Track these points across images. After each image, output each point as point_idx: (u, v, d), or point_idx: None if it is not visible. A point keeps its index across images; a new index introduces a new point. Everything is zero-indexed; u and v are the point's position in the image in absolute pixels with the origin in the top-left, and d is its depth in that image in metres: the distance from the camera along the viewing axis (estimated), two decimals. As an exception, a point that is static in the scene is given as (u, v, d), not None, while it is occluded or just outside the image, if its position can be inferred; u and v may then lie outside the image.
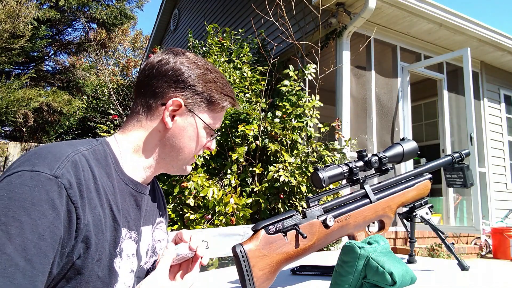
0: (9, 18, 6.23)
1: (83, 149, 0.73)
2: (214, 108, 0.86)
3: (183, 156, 0.86)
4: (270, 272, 0.82)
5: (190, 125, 0.85)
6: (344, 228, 0.97)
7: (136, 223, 0.81)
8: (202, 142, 0.87)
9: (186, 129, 0.85)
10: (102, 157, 0.77)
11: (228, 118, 3.35)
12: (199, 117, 0.85)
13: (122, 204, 0.77)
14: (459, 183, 1.34)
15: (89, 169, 0.71)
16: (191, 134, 0.85)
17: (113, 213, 0.74)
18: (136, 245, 0.80)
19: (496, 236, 5.30)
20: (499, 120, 6.51)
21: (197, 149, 0.88)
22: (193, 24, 8.90)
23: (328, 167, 1.00)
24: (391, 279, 0.76)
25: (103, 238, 0.70)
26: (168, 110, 0.82)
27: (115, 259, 0.73)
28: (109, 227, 0.72)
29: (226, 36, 4.47)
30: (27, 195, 0.60)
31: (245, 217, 2.86)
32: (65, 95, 7.65)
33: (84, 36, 9.33)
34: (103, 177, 0.74)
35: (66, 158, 0.67)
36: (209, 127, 0.86)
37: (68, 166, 0.66)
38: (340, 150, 3.64)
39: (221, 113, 0.89)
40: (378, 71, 5.26)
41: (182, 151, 0.86)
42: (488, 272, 1.19)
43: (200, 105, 0.85)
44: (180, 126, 0.84)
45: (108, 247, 0.72)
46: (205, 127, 0.86)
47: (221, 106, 0.87)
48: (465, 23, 5.26)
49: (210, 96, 0.85)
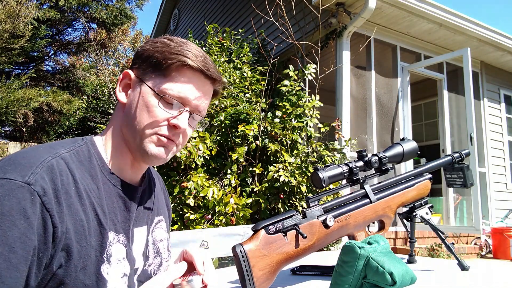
0: (9, 18, 6.23)
1: (63, 152, 0.70)
2: (164, 70, 0.76)
3: (137, 132, 0.76)
4: (270, 272, 0.82)
5: (140, 94, 0.77)
6: (344, 228, 0.97)
7: (125, 226, 0.77)
8: (155, 112, 0.75)
9: (136, 99, 0.77)
10: (86, 158, 0.73)
11: (228, 118, 3.35)
12: (147, 85, 0.76)
13: (109, 206, 0.74)
14: (459, 183, 1.34)
15: (68, 173, 0.67)
16: (142, 105, 0.76)
17: (98, 217, 0.70)
18: (125, 248, 0.76)
19: (496, 236, 5.30)
20: (499, 120, 6.51)
21: (153, 122, 0.75)
22: (193, 24, 8.90)
23: (328, 167, 1.00)
24: (391, 279, 0.76)
25: (87, 245, 0.67)
26: (120, 85, 0.78)
27: (102, 265, 0.70)
28: (93, 232, 0.69)
29: (226, 36, 4.47)
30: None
31: (245, 217, 2.86)
32: (65, 95, 7.66)
33: (84, 36, 9.33)
34: (87, 179, 0.71)
35: (41, 164, 0.64)
36: (155, 91, 0.75)
37: (43, 171, 0.63)
38: (340, 150, 3.64)
39: (180, 75, 0.76)
40: (378, 71, 5.26)
41: (135, 126, 0.76)
42: (488, 272, 1.19)
43: (148, 71, 0.77)
44: (133, 99, 0.77)
45: (94, 253, 0.68)
46: (154, 94, 0.75)
47: (169, 64, 0.75)
48: (465, 23, 5.26)
49: (157, 58, 0.75)
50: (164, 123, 0.76)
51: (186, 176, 2.93)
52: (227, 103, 3.44)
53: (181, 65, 0.75)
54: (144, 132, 0.76)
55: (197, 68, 0.76)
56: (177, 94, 0.76)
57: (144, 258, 0.83)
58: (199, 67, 0.76)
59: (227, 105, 3.44)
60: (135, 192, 0.81)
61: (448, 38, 5.55)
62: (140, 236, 0.83)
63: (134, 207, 0.80)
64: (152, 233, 0.87)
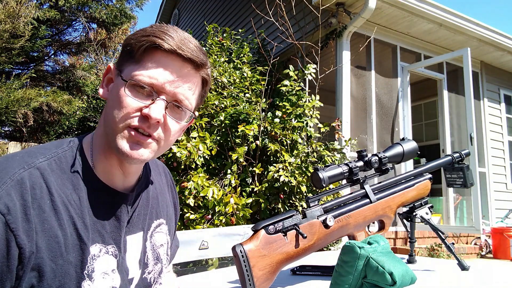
0: (9, 18, 6.23)
1: (41, 160, 0.64)
2: (135, 56, 0.68)
3: (110, 128, 0.68)
4: (270, 272, 0.82)
5: (114, 86, 0.70)
6: (344, 228, 0.97)
7: (115, 235, 0.72)
8: (125, 102, 0.66)
9: (112, 93, 0.70)
10: (69, 166, 0.67)
11: (228, 118, 3.35)
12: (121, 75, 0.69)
13: (94, 217, 0.68)
14: (459, 183, 1.34)
15: (43, 185, 0.62)
16: (113, 97, 0.69)
17: (78, 231, 0.65)
18: (116, 259, 0.71)
19: (496, 236, 5.30)
20: (499, 120, 6.51)
21: (122, 114, 0.67)
22: (193, 24, 8.90)
23: (328, 167, 1.00)
24: (391, 279, 0.76)
25: (63, 262, 0.62)
26: (103, 80, 0.73)
27: (83, 282, 0.65)
28: (72, 248, 0.64)
29: (226, 36, 4.46)
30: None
31: (245, 217, 2.86)
32: (65, 95, 7.65)
33: (84, 36, 9.33)
34: (67, 189, 0.65)
35: (9, 178, 0.59)
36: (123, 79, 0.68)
37: (9, 187, 0.58)
38: (340, 150, 3.63)
39: (151, 59, 0.67)
40: (378, 71, 5.26)
41: (109, 121, 0.68)
42: (488, 272, 1.19)
43: (123, 61, 0.70)
44: (110, 93, 0.71)
45: (73, 270, 0.64)
46: (123, 83, 0.67)
47: (140, 49, 0.67)
48: (465, 23, 5.26)
49: (130, 44, 0.68)
50: (136, 114, 0.67)
51: (186, 176, 2.93)
52: (227, 103, 3.44)
53: (150, 47, 0.67)
54: (117, 126, 0.67)
55: (169, 49, 0.67)
56: (148, 80, 0.66)
57: (141, 266, 0.79)
58: (171, 48, 0.67)
59: (227, 105, 3.44)
60: (125, 199, 0.74)
61: (448, 38, 5.55)
62: (134, 244, 0.78)
63: (125, 214, 0.75)
64: (150, 238, 0.83)
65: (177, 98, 0.70)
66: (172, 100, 0.69)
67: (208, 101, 3.33)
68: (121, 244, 0.74)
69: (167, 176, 0.97)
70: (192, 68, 0.71)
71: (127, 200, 0.75)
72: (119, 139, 0.67)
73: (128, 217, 0.76)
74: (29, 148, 0.69)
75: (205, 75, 0.75)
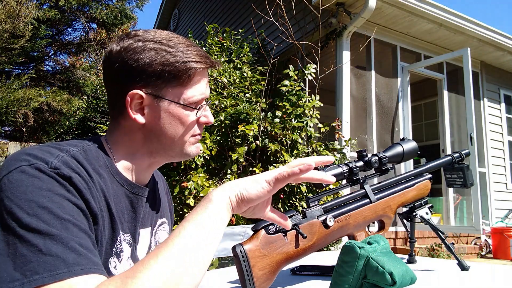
0: (9, 18, 6.23)
1: (73, 150, 0.69)
2: (182, 81, 0.75)
3: (176, 143, 0.78)
4: (270, 272, 0.82)
5: (163, 111, 0.75)
6: (344, 228, 0.97)
7: (131, 226, 0.77)
8: (189, 121, 0.77)
9: (161, 117, 0.75)
10: (94, 158, 0.72)
11: (228, 118, 3.35)
12: (168, 100, 0.75)
13: (116, 205, 0.73)
14: (459, 183, 1.34)
15: (82, 169, 0.67)
16: (171, 119, 0.76)
17: (111, 211, 0.70)
18: (130, 248, 0.75)
19: (496, 236, 5.30)
20: (499, 120, 6.51)
21: (188, 130, 0.78)
22: (193, 24, 8.89)
23: (328, 167, 1.00)
24: (391, 279, 0.76)
25: (103, 235, 0.67)
26: (131, 108, 0.74)
27: (111, 258, 0.70)
28: (107, 224, 0.69)
29: (226, 36, 4.46)
30: (40, 183, 0.58)
31: (245, 217, 2.86)
32: (65, 95, 7.66)
33: (84, 36, 9.33)
34: (96, 176, 0.70)
35: (55, 158, 0.64)
36: (185, 104, 0.76)
37: (60, 162, 0.64)
38: (340, 150, 3.63)
39: (196, 79, 0.77)
40: (378, 71, 5.26)
41: (172, 138, 0.77)
42: (488, 272, 1.19)
43: (163, 86, 0.74)
44: (154, 116, 0.75)
45: (105, 245, 0.68)
46: (180, 106, 0.76)
47: (188, 75, 0.75)
48: (465, 23, 5.26)
49: (169, 71, 0.74)
50: (195, 124, 0.80)
51: (186, 176, 2.93)
52: (227, 103, 3.44)
53: (196, 72, 0.76)
54: (183, 140, 0.79)
55: (206, 67, 0.78)
56: (200, 97, 0.78)
57: None
58: (208, 66, 0.78)
59: (227, 105, 3.44)
60: (143, 192, 0.80)
61: (448, 38, 5.55)
62: (144, 238, 0.82)
63: (141, 207, 0.79)
64: (155, 235, 0.87)
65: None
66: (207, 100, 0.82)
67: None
68: (136, 235, 0.78)
69: (164, 182, 1.02)
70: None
71: (144, 194, 0.80)
72: (187, 147, 0.80)
73: (143, 210, 0.81)
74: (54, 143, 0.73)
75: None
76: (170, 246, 0.57)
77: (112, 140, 0.79)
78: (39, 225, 0.54)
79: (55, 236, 0.54)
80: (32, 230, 0.54)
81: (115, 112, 0.78)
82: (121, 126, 0.78)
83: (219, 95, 3.55)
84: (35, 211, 0.56)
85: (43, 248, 0.53)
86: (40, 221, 0.55)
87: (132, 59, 0.73)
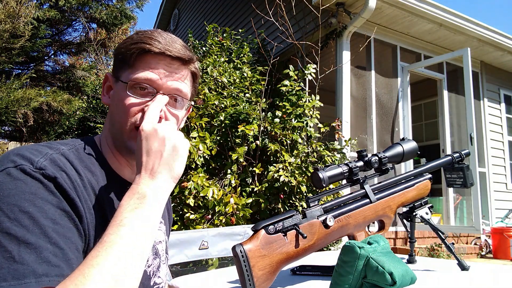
0: (9, 18, 6.23)
1: (63, 148, 0.70)
2: (130, 63, 0.76)
3: (119, 130, 0.76)
4: (270, 272, 0.82)
5: (115, 92, 0.78)
6: (344, 228, 0.96)
7: None
8: (129, 102, 0.74)
9: (113, 98, 0.78)
10: (86, 156, 0.74)
11: (228, 118, 3.35)
12: (120, 81, 0.77)
13: (109, 202, 0.74)
14: (459, 183, 1.34)
15: (71, 167, 0.68)
16: (117, 101, 0.76)
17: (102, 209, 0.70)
18: None
19: (496, 236, 5.30)
20: (499, 120, 6.51)
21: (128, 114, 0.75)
22: (193, 24, 8.89)
23: (328, 167, 1.00)
24: (391, 279, 0.76)
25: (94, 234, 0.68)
26: (103, 88, 0.80)
27: None
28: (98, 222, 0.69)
29: (226, 36, 4.46)
30: (23, 187, 0.59)
31: (245, 217, 2.86)
32: (65, 95, 7.65)
33: (84, 36, 9.33)
34: (88, 174, 0.71)
35: (43, 157, 0.65)
36: (123, 82, 0.76)
37: (47, 162, 0.64)
38: (340, 150, 3.63)
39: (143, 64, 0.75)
40: (378, 71, 5.25)
41: (116, 124, 0.77)
42: (488, 272, 1.19)
43: (118, 68, 0.78)
44: (112, 99, 0.79)
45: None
46: (127, 86, 0.75)
47: (130, 56, 0.75)
48: (465, 23, 5.26)
49: (121, 53, 0.77)
50: (139, 113, 0.75)
51: (186, 176, 2.93)
52: (227, 103, 3.44)
53: (141, 52, 0.75)
54: (125, 128, 0.75)
55: (158, 52, 0.75)
56: (144, 78, 0.75)
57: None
58: (159, 50, 0.75)
59: (227, 105, 3.44)
60: None
61: (448, 38, 5.55)
62: None
63: None
64: None
65: (173, 91, 0.77)
66: (169, 93, 0.77)
67: (208, 101, 3.33)
68: None
69: None
70: (180, 64, 0.79)
71: None
72: (127, 140, 0.75)
73: None
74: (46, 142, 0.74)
75: (194, 69, 0.83)
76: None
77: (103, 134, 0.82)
78: (18, 231, 0.55)
79: (30, 245, 0.55)
80: (9, 235, 0.55)
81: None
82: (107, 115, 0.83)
83: (219, 95, 3.55)
84: (16, 215, 0.56)
85: (17, 255, 0.54)
86: (20, 226, 0.56)
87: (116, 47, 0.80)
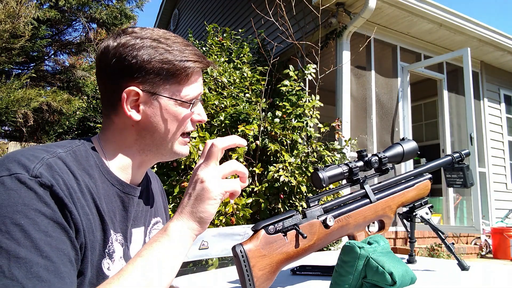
0: (9, 18, 6.23)
1: (60, 151, 0.69)
2: (179, 80, 0.76)
3: (167, 140, 0.79)
4: (270, 272, 0.82)
5: (159, 108, 0.76)
6: (344, 228, 0.96)
7: (122, 225, 0.77)
8: (183, 119, 0.78)
9: (157, 114, 0.76)
10: (83, 158, 0.72)
11: (228, 118, 3.35)
12: (165, 97, 0.76)
13: (107, 205, 0.73)
14: (459, 183, 1.34)
15: (68, 171, 0.66)
16: (165, 117, 0.77)
17: (101, 213, 0.70)
18: (122, 248, 0.76)
19: (496, 236, 5.30)
20: (499, 120, 6.51)
21: (181, 126, 0.79)
22: (193, 24, 8.90)
23: (328, 167, 1.00)
24: (391, 279, 0.76)
25: (93, 239, 0.67)
26: (127, 104, 0.74)
27: (104, 260, 0.70)
28: (98, 226, 0.69)
29: (226, 36, 4.46)
30: (16, 198, 0.58)
31: (245, 217, 2.86)
32: (65, 95, 7.66)
33: (84, 36, 9.33)
34: (85, 177, 0.70)
35: (40, 161, 0.63)
36: (182, 101, 0.77)
37: (43, 168, 0.63)
38: (340, 150, 3.63)
39: (193, 79, 0.79)
40: (378, 71, 5.26)
41: (164, 136, 0.78)
42: (488, 272, 1.19)
43: (160, 84, 0.75)
44: (150, 114, 0.76)
45: (98, 247, 0.69)
46: (177, 103, 0.77)
47: (185, 74, 0.76)
48: (465, 23, 5.26)
49: (168, 69, 0.74)
50: (188, 121, 0.81)
51: (186, 176, 2.93)
52: (227, 103, 3.44)
53: (194, 71, 0.78)
54: (175, 138, 0.79)
55: (202, 67, 0.80)
56: (195, 95, 0.79)
57: None
58: (204, 66, 0.80)
59: (227, 105, 3.44)
60: (134, 191, 0.80)
61: (448, 38, 5.55)
62: (137, 237, 0.82)
63: (133, 207, 0.79)
64: (149, 234, 0.86)
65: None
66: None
67: (208, 101, 3.33)
68: (127, 235, 0.78)
69: (159, 181, 1.02)
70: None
71: (136, 193, 0.80)
72: (177, 145, 0.81)
73: (134, 210, 0.81)
74: (43, 144, 0.73)
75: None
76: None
77: (104, 139, 0.79)
78: (9, 244, 0.55)
79: (20, 260, 0.54)
80: (0, 249, 0.54)
81: (108, 109, 0.78)
82: (114, 123, 0.78)
83: (219, 95, 3.55)
84: (7, 228, 0.56)
85: (6, 270, 0.53)
86: (11, 240, 0.55)
87: (131, 56, 0.72)
